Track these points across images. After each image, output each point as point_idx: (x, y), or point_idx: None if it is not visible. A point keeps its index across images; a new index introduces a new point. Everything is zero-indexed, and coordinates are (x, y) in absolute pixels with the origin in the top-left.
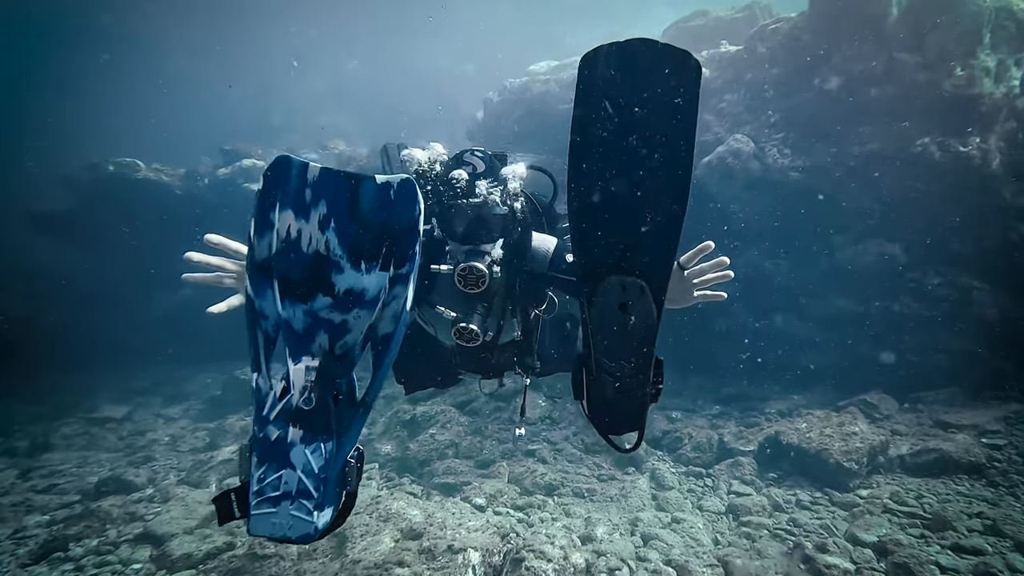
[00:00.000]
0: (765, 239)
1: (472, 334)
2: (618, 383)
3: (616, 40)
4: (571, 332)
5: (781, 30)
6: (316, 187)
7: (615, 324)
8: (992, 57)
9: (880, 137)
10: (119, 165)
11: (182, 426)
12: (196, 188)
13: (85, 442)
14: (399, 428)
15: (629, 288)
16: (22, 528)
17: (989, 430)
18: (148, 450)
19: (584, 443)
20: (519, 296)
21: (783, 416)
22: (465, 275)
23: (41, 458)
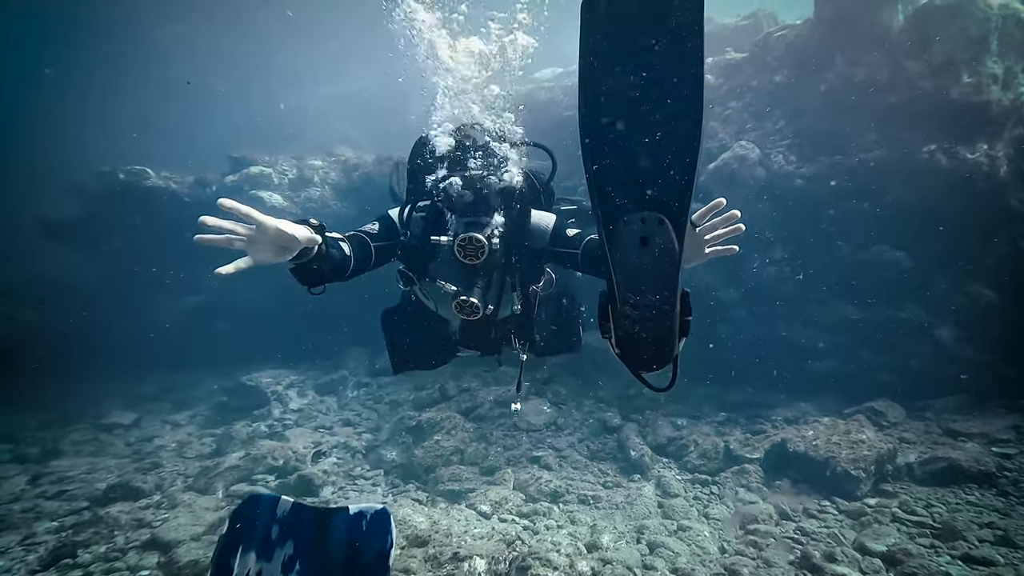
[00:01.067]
0: (770, 245)
1: (473, 307)
2: (645, 317)
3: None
4: (568, 310)
5: (786, 37)
6: (284, 525)
7: (638, 259)
8: (1000, 64)
9: (886, 144)
10: (129, 173)
11: (189, 432)
12: (204, 195)
13: (94, 448)
14: (404, 434)
15: (648, 222)
16: (32, 534)
17: (999, 439)
18: (155, 456)
19: (589, 449)
20: (518, 271)
21: (790, 423)
22: (465, 245)
23: (51, 464)
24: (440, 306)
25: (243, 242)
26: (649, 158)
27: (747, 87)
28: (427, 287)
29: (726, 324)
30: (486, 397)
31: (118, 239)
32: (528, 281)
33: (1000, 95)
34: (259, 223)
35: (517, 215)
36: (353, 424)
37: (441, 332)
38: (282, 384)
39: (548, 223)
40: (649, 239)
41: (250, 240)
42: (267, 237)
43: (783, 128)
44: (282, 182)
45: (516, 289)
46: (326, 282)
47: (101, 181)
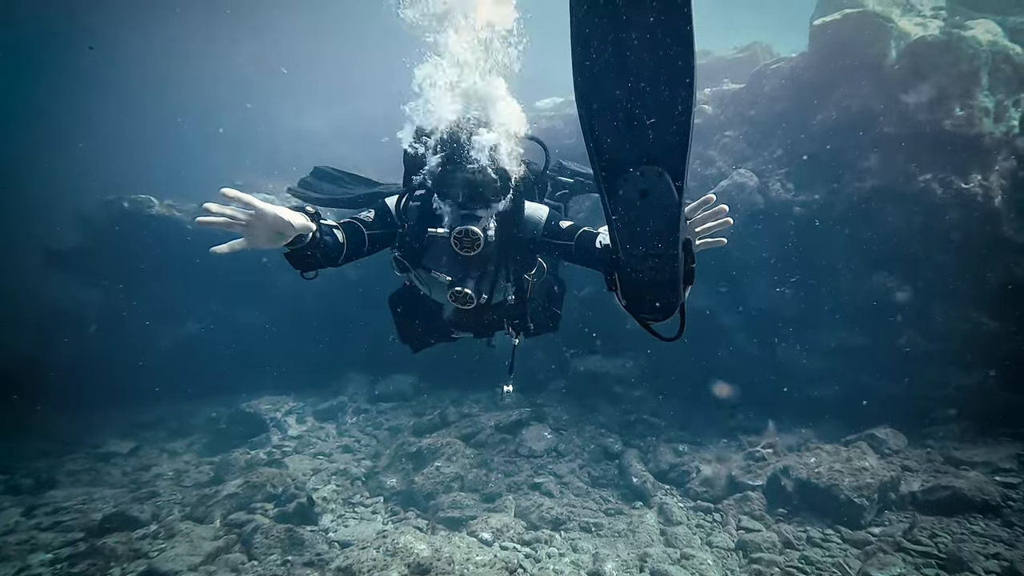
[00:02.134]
0: (769, 271)
1: (467, 297)
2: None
3: None
4: (558, 294)
5: (782, 70)
6: None
7: (639, 212)
8: (991, 98)
9: (882, 173)
10: (134, 201)
11: (186, 460)
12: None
13: (90, 478)
14: (404, 461)
15: (648, 175)
16: (26, 567)
17: (1002, 468)
18: (152, 485)
19: (590, 476)
20: (511, 261)
21: (791, 450)
22: (461, 238)
23: (46, 495)
24: (434, 293)
25: (242, 226)
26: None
27: (744, 117)
28: (422, 276)
29: (726, 348)
30: (487, 423)
31: (120, 267)
32: (521, 271)
33: (992, 128)
34: (258, 209)
35: (512, 207)
36: (352, 450)
37: (436, 314)
38: (281, 411)
39: (541, 215)
40: (649, 191)
41: (248, 224)
42: (265, 223)
43: (781, 156)
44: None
45: (509, 279)
46: (319, 267)
47: (106, 210)
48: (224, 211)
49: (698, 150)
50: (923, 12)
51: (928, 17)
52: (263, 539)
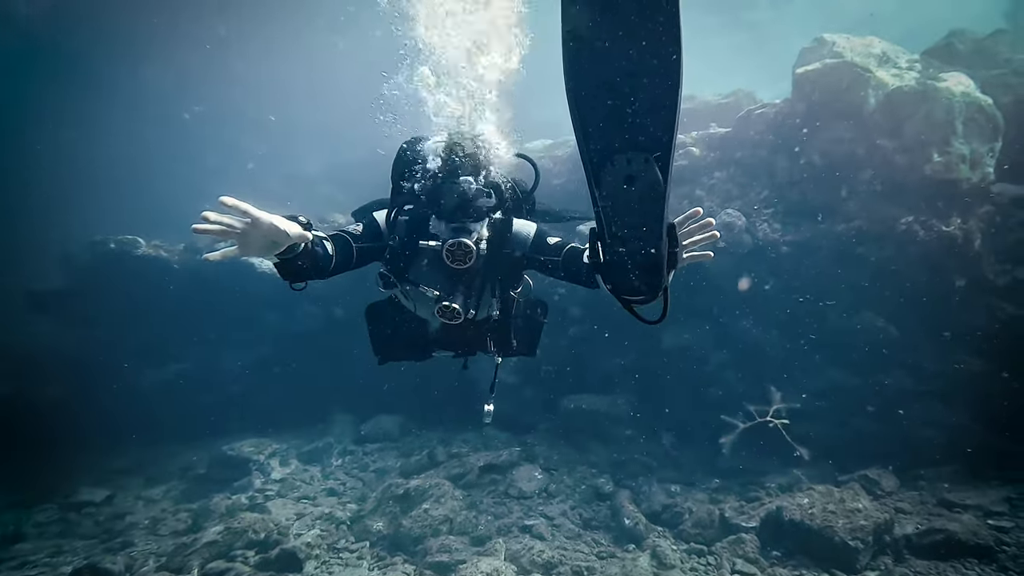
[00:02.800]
0: (757, 310)
1: (454, 312)
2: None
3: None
4: (539, 315)
5: (767, 115)
6: None
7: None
8: (966, 146)
9: (866, 215)
10: (120, 242)
11: (163, 508)
12: (194, 262)
13: (60, 529)
14: (392, 503)
15: (634, 162)
16: None
17: (994, 511)
18: (126, 535)
19: (582, 517)
20: (499, 277)
21: (784, 490)
22: (454, 250)
23: (12, 549)
24: (419, 308)
25: (236, 234)
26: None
27: (731, 159)
28: (408, 290)
29: (716, 387)
30: (476, 463)
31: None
32: (507, 287)
33: (969, 174)
34: (254, 217)
35: (501, 222)
36: (338, 494)
37: (418, 331)
38: (264, 453)
39: (529, 231)
40: (635, 177)
41: (243, 232)
42: (260, 231)
43: (767, 197)
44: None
45: (495, 295)
46: (308, 279)
47: (91, 251)
48: (222, 219)
49: (686, 190)
50: (899, 64)
51: (904, 69)
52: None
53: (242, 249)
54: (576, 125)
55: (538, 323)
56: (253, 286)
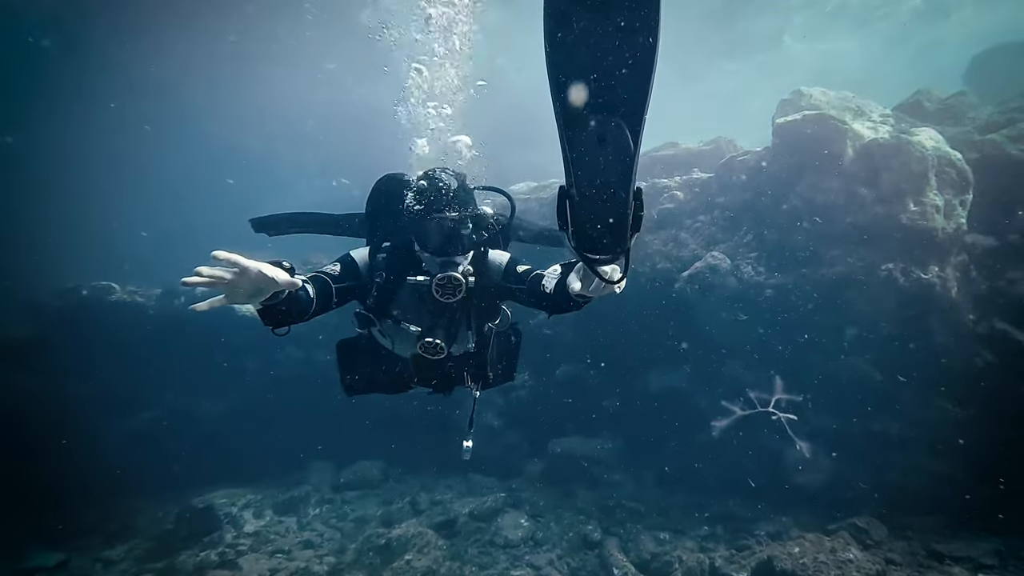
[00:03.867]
0: (744, 352)
1: (437, 348)
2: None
3: None
4: (514, 344)
5: (748, 162)
6: None
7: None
8: (940, 197)
9: (847, 260)
10: (93, 289)
11: (124, 569)
12: (171, 307)
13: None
14: (372, 555)
15: (605, 124)
16: None
17: (984, 564)
18: None
19: (569, 567)
20: (477, 309)
21: (774, 539)
22: (444, 284)
23: None
24: (397, 345)
25: (225, 283)
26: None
27: (714, 203)
28: (388, 328)
29: (703, 432)
30: (460, 510)
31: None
32: (485, 319)
33: (943, 223)
34: (243, 267)
35: (481, 256)
36: (315, 545)
37: (394, 368)
38: (237, 504)
39: (503, 260)
40: (606, 137)
41: (231, 282)
42: (248, 279)
43: (751, 241)
44: None
45: (471, 327)
46: (291, 323)
47: (62, 299)
48: (213, 272)
49: (671, 233)
50: (872, 117)
51: (877, 122)
52: None
53: (229, 297)
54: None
55: (513, 348)
56: (232, 331)
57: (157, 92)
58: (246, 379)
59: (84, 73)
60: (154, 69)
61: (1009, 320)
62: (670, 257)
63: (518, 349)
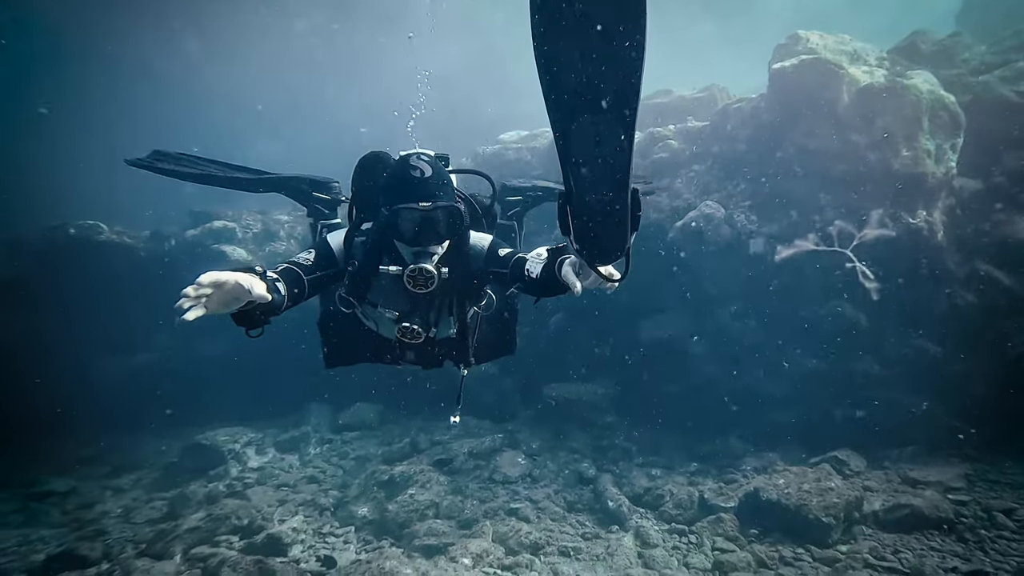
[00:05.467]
0: (735, 300)
1: (415, 333)
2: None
3: None
4: (508, 320)
5: (743, 110)
6: None
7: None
8: (932, 141)
9: (838, 207)
10: (81, 228)
11: (134, 497)
12: (161, 250)
13: (23, 519)
14: (376, 489)
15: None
16: None
17: (953, 487)
18: (98, 523)
19: (566, 500)
20: (458, 295)
21: (760, 472)
22: (415, 276)
23: None
24: (381, 328)
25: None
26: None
27: (708, 152)
28: (368, 311)
29: (694, 376)
30: (460, 450)
31: (60, 297)
32: (466, 303)
33: (934, 168)
34: (222, 282)
35: (458, 242)
36: (318, 481)
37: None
38: (239, 442)
39: (484, 244)
40: (601, 139)
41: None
42: (224, 291)
43: (744, 190)
44: (246, 236)
45: (452, 312)
46: (264, 324)
47: (47, 236)
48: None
49: (666, 183)
50: (868, 61)
51: (873, 66)
52: (231, 572)
53: (207, 307)
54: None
55: (507, 324)
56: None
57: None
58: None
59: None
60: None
61: (991, 261)
62: (664, 208)
63: (514, 323)
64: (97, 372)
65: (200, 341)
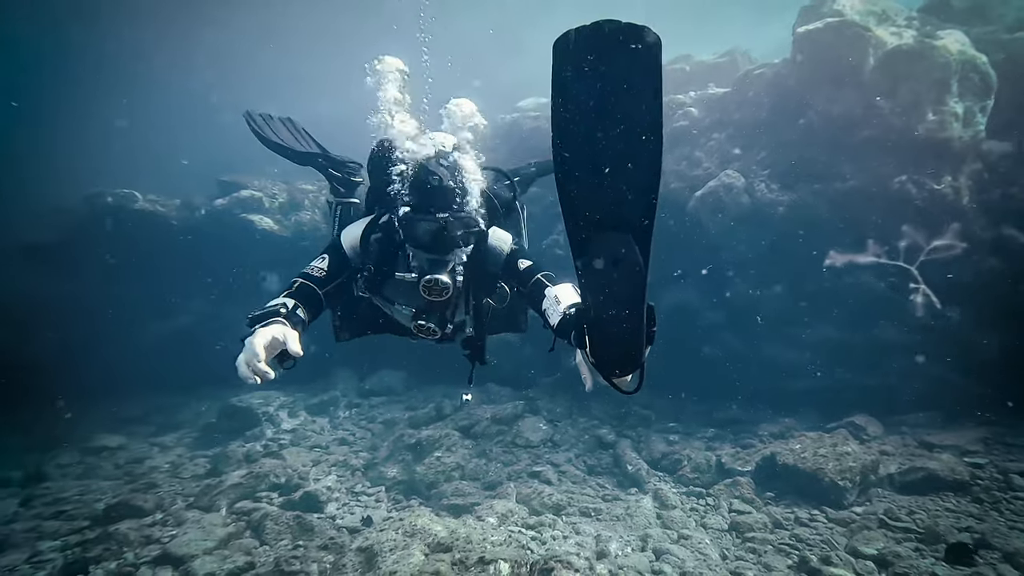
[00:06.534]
0: (754, 269)
1: (431, 330)
2: (616, 330)
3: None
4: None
5: (766, 75)
6: None
7: (608, 278)
8: (960, 104)
9: (861, 174)
10: (117, 196)
11: (179, 454)
12: (192, 219)
13: (82, 471)
14: (404, 452)
15: (616, 243)
16: (37, 553)
17: (970, 450)
18: (149, 477)
19: (586, 464)
20: (474, 294)
21: (777, 438)
22: (430, 286)
23: (40, 487)
24: (395, 315)
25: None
26: (615, 183)
27: (730, 120)
28: (383, 303)
29: (712, 344)
30: (483, 415)
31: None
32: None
33: (961, 132)
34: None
35: (478, 242)
36: (348, 443)
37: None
38: (272, 405)
39: (504, 247)
40: (617, 257)
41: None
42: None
43: (765, 158)
44: (272, 206)
45: (469, 312)
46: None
47: (88, 204)
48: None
49: (685, 151)
50: (897, 22)
51: (902, 27)
52: (273, 525)
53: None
54: (564, 204)
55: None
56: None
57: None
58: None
59: None
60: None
61: (1018, 226)
62: (684, 177)
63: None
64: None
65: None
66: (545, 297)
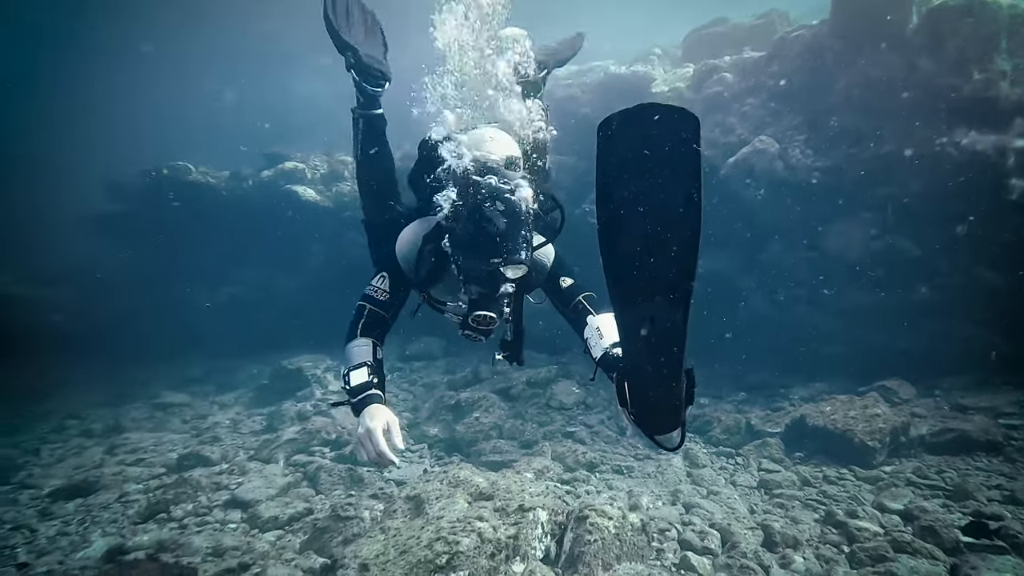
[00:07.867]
0: (787, 234)
1: (476, 339)
2: (655, 392)
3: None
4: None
5: (803, 38)
6: None
7: (648, 338)
8: (1008, 61)
9: (899, 138)
10: (172, 168)
11: (237, 412)
12: (240, 189)
13: (153, 424)
14: (444, 412)
15: (658, 305)
16: (125, 494)
17: (1005, 412)
18: (213, 432)
19: (618, 426)
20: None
21: (807, 401)
22: (481, 320)
23: (119, 438)
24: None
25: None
26: (656, 249)
27: (764, 85)
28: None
29: (744, 309)
30: (519, 379)
31: (157, 232)
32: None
33: (1008, 91)
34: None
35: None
36: (392, 404)
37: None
38: (320, 368)
39: (547, 262)
40: (657, 320)
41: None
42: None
43: (800, 124)
44: (315, 176)
45: (510, 320)
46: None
47: (144, 177)
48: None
49: (718, 118)
50: None
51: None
52: (327, 476)
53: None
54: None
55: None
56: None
57: None
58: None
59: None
60: None
61: None
62: (716, 144)
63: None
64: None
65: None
66: (587, 326)
